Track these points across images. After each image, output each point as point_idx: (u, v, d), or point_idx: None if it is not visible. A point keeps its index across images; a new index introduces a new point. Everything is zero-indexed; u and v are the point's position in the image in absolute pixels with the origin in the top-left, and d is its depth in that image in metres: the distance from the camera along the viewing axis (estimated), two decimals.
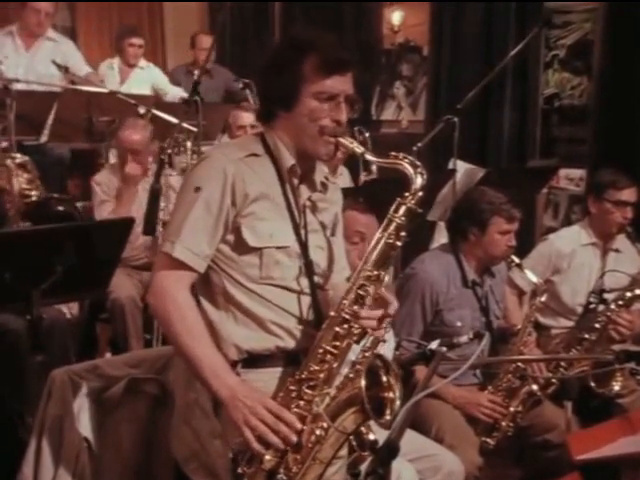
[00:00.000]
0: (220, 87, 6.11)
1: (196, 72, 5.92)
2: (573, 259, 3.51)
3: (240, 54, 7.02)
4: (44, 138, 4.48)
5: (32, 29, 4.97)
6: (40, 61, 4.96)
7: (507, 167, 5.32)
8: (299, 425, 1.77)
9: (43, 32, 5.03)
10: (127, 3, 7.59)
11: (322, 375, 1.81)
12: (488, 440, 2.87)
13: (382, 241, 1.83)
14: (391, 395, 1.78)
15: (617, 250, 3.54)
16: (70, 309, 3.60)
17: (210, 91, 5.94)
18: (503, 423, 2.88)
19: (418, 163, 1.85)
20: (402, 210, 1.83)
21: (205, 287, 1.93)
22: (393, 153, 1.86)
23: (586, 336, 3.24)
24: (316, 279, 1.95)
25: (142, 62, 5.89)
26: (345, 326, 1.81)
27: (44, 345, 2.70)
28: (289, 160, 1.92)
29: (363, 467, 2.09)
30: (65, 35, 5.72)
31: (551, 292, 3.44)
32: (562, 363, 3.16)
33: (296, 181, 1.94)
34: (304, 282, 1.93)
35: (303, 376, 1.82)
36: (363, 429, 1.84)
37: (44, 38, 5.07)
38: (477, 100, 4.24)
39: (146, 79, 5.82)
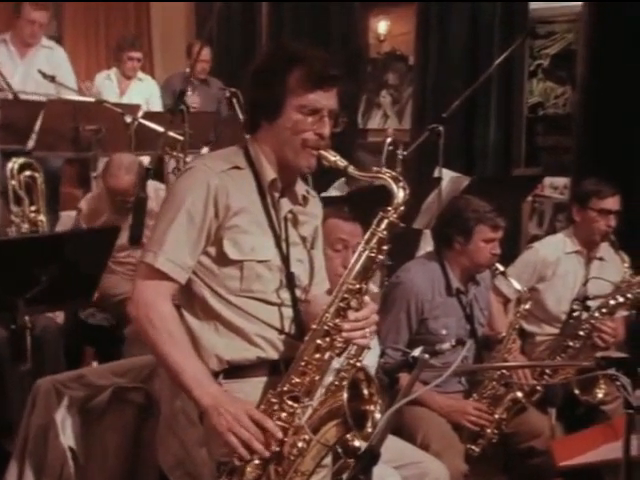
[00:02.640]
0: (216, 95, 6.13)
1: (194, 80, 5.98)
2: (558, 267, 3.53)
3: (227, 63, 7.03)
4: (30, 144, 4.47)
5: (26, 40, 4.94)
6: (36, 69, 4.94)
7: (492, 175, 5.35)
8: (280, 435, 1.77)
9: (37, 42, 5.00)
10: (114, 12, 7.60)
11: (304, 387, 1.82)
12: (473, 447, 2.88)
13: (364, 254, 1.83)
14: (372, 408, 1.78)
15: (601, 258, 3.56)
16: (56, 318, 3.58)
17: (207, 98, 5.98)
18: (488, 430, 2.89)
19: (400, 177, 1.86)
20: (384, 224, 1.84)
21: (186, 298, 1.93)
22: (376, 167, 1.88)
23: (570, 344, 3.26)
24: (297, 292, 1.96)
25: (140, 74, 5.91)
26: (327, 339, 1.81)
27: (28, 355, 2.69)
28: (270, 174, 1.93)
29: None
30: None
31: (536, 300, 3.46)
32: (547, 370, 3.18)
33: (277, 194, 1.95)
34: (285, 295, 1.94)
35: (285, 388, 1.82)
36: (348, 436, 1.85)
37: (39, 46, 5.04)
38: (462, 109, 4.28)
39: (145, 91, 5.84)
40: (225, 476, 1.80)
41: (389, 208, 1.84)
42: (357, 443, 1.81)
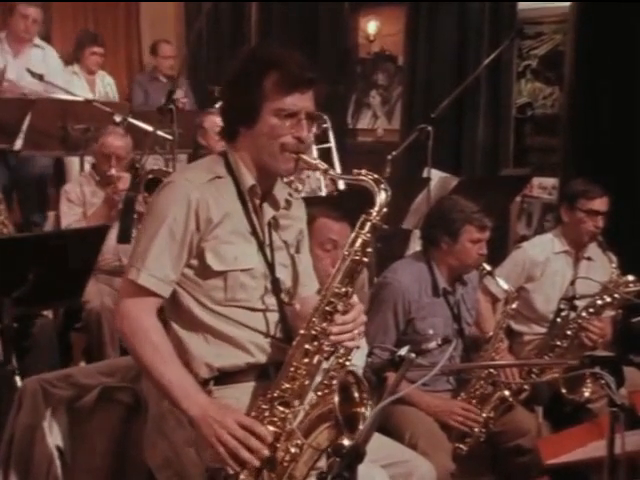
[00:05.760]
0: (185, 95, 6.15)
1: (161, 78, 6.09)
2: (546, 267, 3.54)
3: (216, 63, 7.02)
4: (18, 145, 4.45)
5: (20, 35, 5.02)
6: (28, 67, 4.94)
7: (481, 176, 5.36)
8: (270, 439, 1.78)
9: (31, 38, 5.08)
10: (103, 13, 7.57)
11: (294, 392, 1.82)
12: (461, 446, 2.89)
13: (349, 258, 1.84)
14: (362, 410, 1.79)
15: (589, 258, 3.58)
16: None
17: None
18: (476, 429, 2.90)
19: (381, 179, 1.86)
20: (367, 227, 1.85)
21: (173, 309, 1.94)
22: (356, 170, 1.87)
23: (558, 343, 3.28)
24: (282, 296, 1.97)
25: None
26: (315, 343, 1.82)
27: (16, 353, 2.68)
28: (249, 180, 1.93)
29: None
30: None
31: (524, 299, 3.48)
32: (534, 369, 3.19)
33: (258, 201, 1.95)
34: (270, 300, 1.95)
35: (275, 394, 1.83)
36: None
37: (31, 45, 5.11)
38: (451, 109, 4.28)
39: (107, 87, 5.86)
40: None
41: (372, 211, 1.85)
42: (345, 442, 1.82)
